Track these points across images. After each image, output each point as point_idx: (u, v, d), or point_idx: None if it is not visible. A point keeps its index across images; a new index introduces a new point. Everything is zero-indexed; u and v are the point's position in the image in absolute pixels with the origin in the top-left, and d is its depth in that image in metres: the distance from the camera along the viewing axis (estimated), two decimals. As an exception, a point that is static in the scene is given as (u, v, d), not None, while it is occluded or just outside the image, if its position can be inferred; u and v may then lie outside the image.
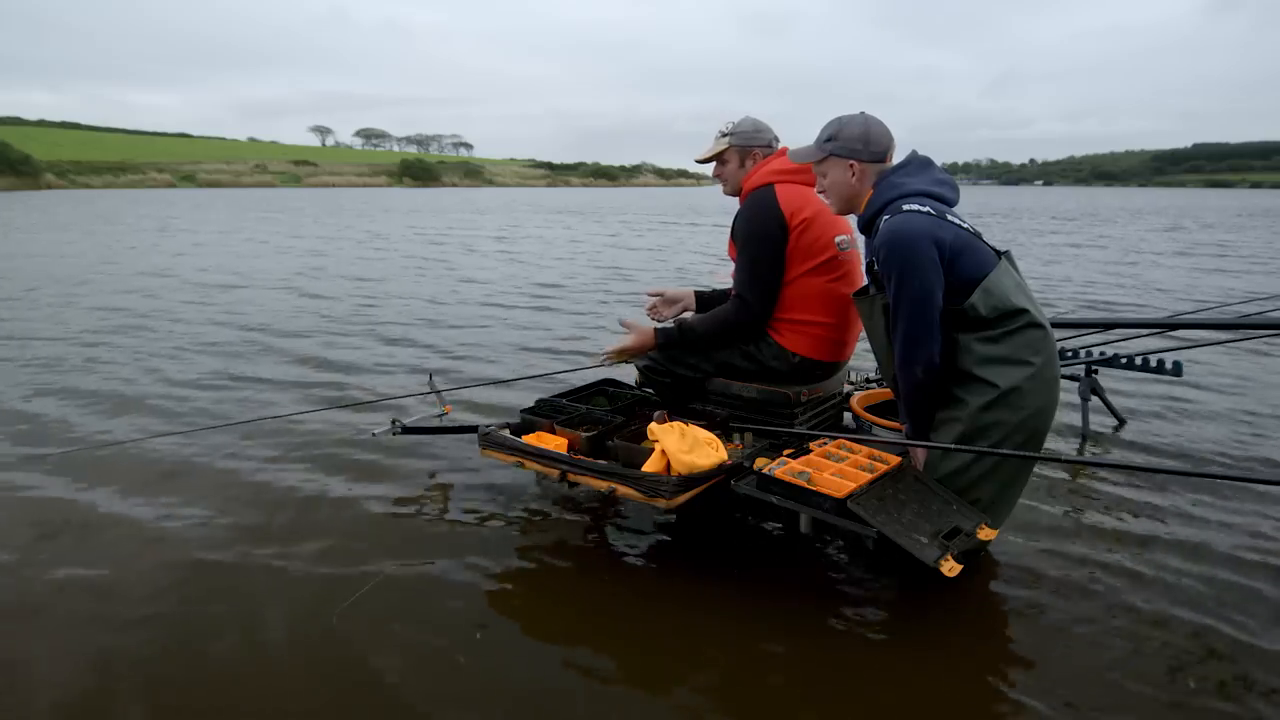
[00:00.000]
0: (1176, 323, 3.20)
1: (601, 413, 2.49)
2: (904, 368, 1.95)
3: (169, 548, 2.24)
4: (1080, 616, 1.90)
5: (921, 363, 1.91)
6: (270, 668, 1.71)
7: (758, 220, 2.33)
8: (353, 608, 1.93)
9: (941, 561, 1.71)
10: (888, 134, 2.04)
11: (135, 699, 1.61)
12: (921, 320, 1.88)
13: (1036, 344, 1.91)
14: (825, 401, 2.54)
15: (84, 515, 2.46)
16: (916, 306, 1.87)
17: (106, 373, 4.31)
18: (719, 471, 2.06)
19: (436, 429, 2.81)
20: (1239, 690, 1.63)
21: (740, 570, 2.13)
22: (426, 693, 1.63)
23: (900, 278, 1.87)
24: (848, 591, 2.03)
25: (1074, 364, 3.30)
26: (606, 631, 1.86)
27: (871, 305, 2.06)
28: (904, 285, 1.87)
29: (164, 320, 5.96)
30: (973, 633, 1.87)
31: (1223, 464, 2.97)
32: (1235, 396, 3.86)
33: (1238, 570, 2.12)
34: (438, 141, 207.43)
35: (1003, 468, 1.98)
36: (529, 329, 5.74)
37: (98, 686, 1.65)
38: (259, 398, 3.83)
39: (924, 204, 1.92)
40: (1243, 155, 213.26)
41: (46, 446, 3.07)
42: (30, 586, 2.04)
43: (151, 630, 1.84)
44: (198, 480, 2.74)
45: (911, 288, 1.87)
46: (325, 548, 2.24)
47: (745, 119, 2.48)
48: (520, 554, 2.23)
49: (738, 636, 1.83)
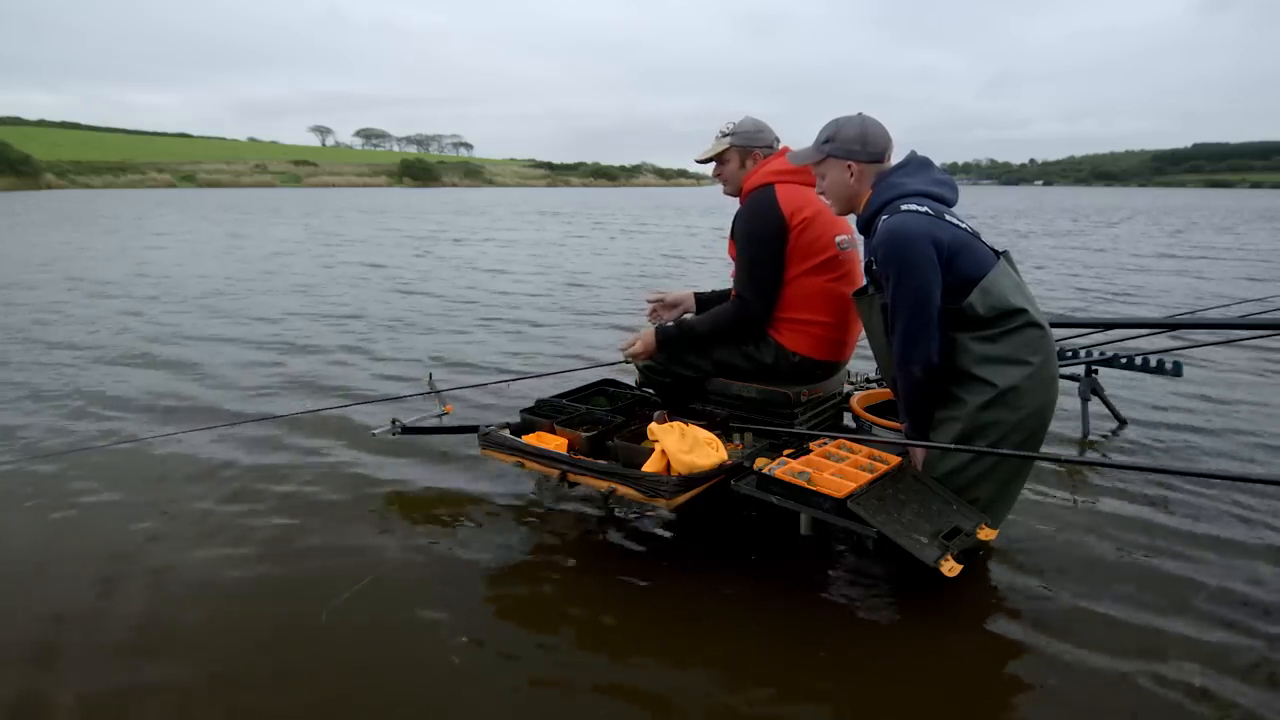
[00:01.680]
0: (1176, 322, 3.20)
1: (601, 413, 2.50)
2: (902, 366, 1.95)
3: (165, 546, 2.24)
4: (1080, 616, 1.90)
5: (920, 362, 1.91)
6: (264, 667, 1.71)
7: (758, 220, 2.33)
8: (347, 606, 1.93)
9: (941, 561, 1.71)
10: (885, 135, 2.05)
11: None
12: (920, 319, 1.88)
13: (1035, 344, 1.91)
14: (825, 401, 2.54)
15: (78, 516, 2.46)
16: (915, 305, 1.88)
17: (104, 374, 4.31)
18: (719, 471, 2.06)
19: (436, 429, 2.81)
20: (1244, 687, 1.63)
21: (740, 570, 2.13)
22: (421, 693, 1.62)
23: (899, 276, 1.88)
24: (848, 591, 2.03)
25: (1074, 364, 3.30)
26: (606, 632, 1.86)
27: (870, 305, 2.07)
28: (902, 284, 1.88)
29: (164, 314, 5.96)
30: (972, 632, 1.87)
31: (1223, 463, 2.97)
32: (1235, 396, 3.86)
33: (1238, 567, 2.12)
34: (438, 141, 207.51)
35: (1002, 467, 1.98)
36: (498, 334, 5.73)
37: (62, 680, 1.65)
38: (259, 397, 3.83)
39: (922, 204, 1.92)
40: (1243, 155, 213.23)
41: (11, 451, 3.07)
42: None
43: (150, 628, 1.84)
44: (195, 480, 2.74)
45: (910, 287, 1.87)
46: (322, 547, 2.24)
47: (746, 119, 2.48)
48: (519, 554, 2.23)
49: (738, 636, 1.83)
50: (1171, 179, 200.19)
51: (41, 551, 2.24)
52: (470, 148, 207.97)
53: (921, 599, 1.98)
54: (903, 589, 2.04)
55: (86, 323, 5.83)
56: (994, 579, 2.08)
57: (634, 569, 2.14)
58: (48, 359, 4.62)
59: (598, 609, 1.96)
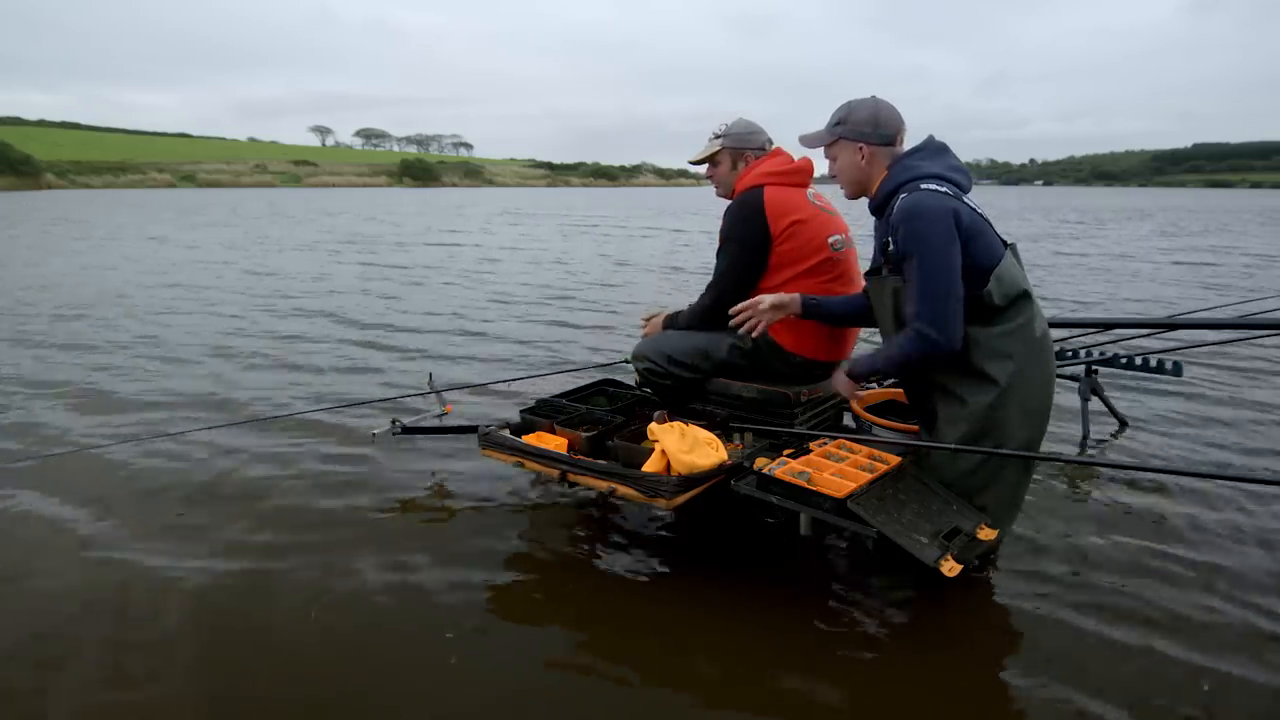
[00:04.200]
0: (1176, 323, 3.20)
1: (601, 413, 2.49)
2: (920, 339, 1.85)
3: (163, 545, 2.24)
4: (1081, 615, 1.90)
5: (944, 343, 1.83)
6: (260, 666, 1.71)
7: (740, 222, 2.35)
8: (346, 606, 1.93)
9: (941, 561, 1.71)
10: (897, 117, 2.02)
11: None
12: (944, 292, 1.82)
13: (1037, 342, 1.91)
14: (825, 401, 2.53)
15: (73, 517, 2.46)
16: (938, 278, 1.82)
17: (116, 370, 4.31)
18: (719, 471, 2.06)
19: (436, 429, 2.81)
20: (1249, 686, 1.63)
21: (740, 570, 2.12)
22: (417, 692, 1.62)
23: (920, 250, 1.82)
24: (847, 591, 2.03)
25: (1074, 364, 3.29)
26: (605, 632, 1.86)
27: (883, 287, 2.01)
28: (924, 258, 1.82)
29: (159, 310, 5.96)
30: (973, 633, 1.87)
31: (1222, 463, 2.97)
32: (1235, 396, 3.85)
33: (1239, 565, 2.12)
34: (438, 141, 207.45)
35: (1010, 468, 1.97)
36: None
37: (56, 678, 1.65)
38: (257, 397, 3.83)
39: (941, 184, 1.89)
40: (1242, 155, 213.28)
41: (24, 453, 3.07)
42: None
43: (147, 624, 1.85)
44: (194, 479, 2.74)
45: (932, 261, 1.82)
46: (322, 546, 2.24)
47: (738, 120, 2.48)
48: (519, 554, 2.23)
49: (737, 637, 1.83)
50: (1172, 179, 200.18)
51: (41, 551, 2.24)
52: (470, 148, 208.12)
53: (921, 599, 1.98)
54: (903, 589, 2.04)
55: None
56: (994, 579, 2.08)
57: (634, 569, 2.14)
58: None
59: (597, 609, 1.95)
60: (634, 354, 2.58)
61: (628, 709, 1.59)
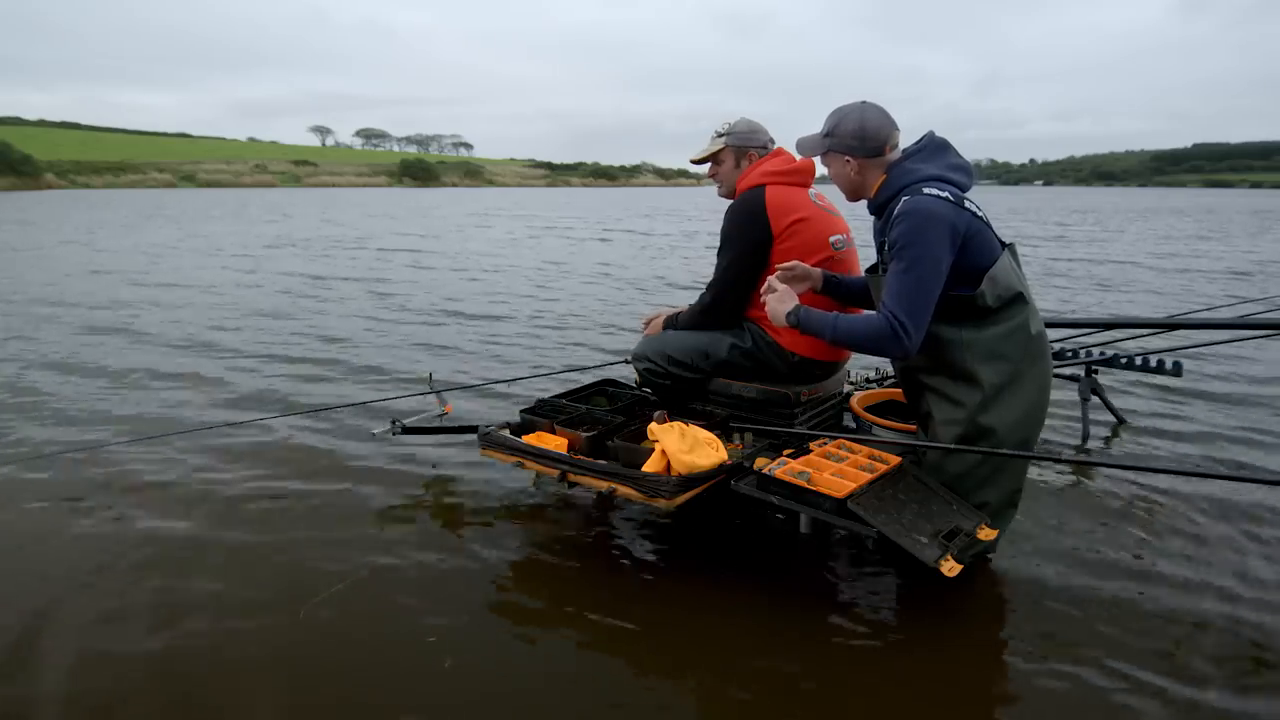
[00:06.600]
0: (1176, 322, 3.20)
1: (601, 413, 2.49)
2: (882, 330, 1.85)
3: (161, 544, 2.24)
4: (1081, 615, 1.90)
5: (903, 340, 1.83)
6: (257, 665, 1.71)
7: (741, 221, 2.35)
8: (343, 606, 1.93)
9: (941, 561, 1.71)
10: (886, 125, 2.00)
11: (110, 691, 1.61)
12: (919, 297, 1.83)
13: (1033, 343, 1.91)
14: (825, 401, 2.53)
15: (72, 516, 2.46)
16: (918, 282, 1.83)
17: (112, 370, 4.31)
18: (719, 471, 2.06)
19: (436, 429, 2.81)
20: (1251, 681, 1.63)
21: (739, 570, 2.12)
22: (412, 692, 1.62)
23: (910, 252, 1.83)
24: (848, 591, 2.03)
25: (1074, 364, 3.29)
26: (604, 632, 1.86)
27: (882, 285, 2.00)
28: (911, 261, 1.83)
29: (163, 307, 5.96)
30: (973, 633, 1.87)
31: (1222, 463, 2.97)
32: (1235, 396, 3.86)
33: (1239, 564, 2.12)
34: (438, 141, 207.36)
35: (1007, 468, 1.97)
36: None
37: (65, 675, 1.65)
38: (257, 396, 3.83)
39: (943, 189, 1.89)
40: (1242, 155, 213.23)
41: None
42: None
43: (144, 627, 1.85)
44: (193, 479, 2.74)
45: (918, 269, 1.83)
46: (320, 545, 2.24)
47: (741, 120, 2.48)
48: (518, 554, 2.23)
49: (737, 637, 1.83)
50: (1172, 179, 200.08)
51: (39, 553, 2.24)
52: (470, 148, 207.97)
53: (922, 599, 1.98)
54: (903, 589, 2.04)
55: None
56: (994, 579, 2.08)
57: (633, 569, 2.14)
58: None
59: (595, 609, 1.95)
60: (634, 354, 2.58)
61: (627, 709, 1.59)
